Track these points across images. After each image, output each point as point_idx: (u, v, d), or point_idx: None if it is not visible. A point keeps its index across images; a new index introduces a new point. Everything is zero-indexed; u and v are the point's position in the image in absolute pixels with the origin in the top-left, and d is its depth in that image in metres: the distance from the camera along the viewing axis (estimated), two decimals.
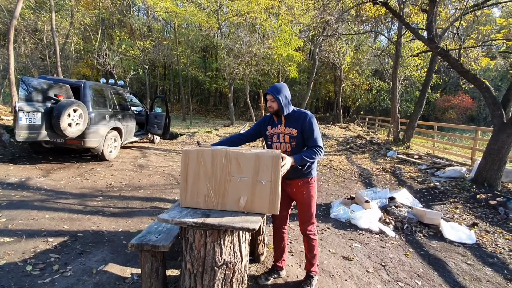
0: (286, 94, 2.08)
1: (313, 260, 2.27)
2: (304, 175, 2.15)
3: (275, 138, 2.16)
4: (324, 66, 22.16)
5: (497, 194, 4.69)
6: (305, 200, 2.18)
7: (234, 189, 1.87)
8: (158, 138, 8.57)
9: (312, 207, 2.21)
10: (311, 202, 2.19)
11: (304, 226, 2.23)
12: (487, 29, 8.56)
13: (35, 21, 11.80)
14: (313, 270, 2.30)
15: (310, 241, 2.24)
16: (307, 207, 2.19)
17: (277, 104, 2.07)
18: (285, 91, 2.09)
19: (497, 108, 5.06)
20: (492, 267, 2.85)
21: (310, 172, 2.18)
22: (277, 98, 2.04)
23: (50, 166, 5.07)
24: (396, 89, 10.38)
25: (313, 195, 2.20)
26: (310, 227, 2.23)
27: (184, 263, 1.84)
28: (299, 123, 2.05)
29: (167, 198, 4.13)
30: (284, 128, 2.10)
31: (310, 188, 2.18)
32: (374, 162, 7.63)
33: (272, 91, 2.06)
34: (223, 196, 1.88)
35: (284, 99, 2.06)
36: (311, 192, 2.19)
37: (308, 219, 2.22)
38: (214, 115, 24.23)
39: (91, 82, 5.66)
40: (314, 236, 2.24)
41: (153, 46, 15.46)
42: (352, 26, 13.29)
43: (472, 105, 20.94)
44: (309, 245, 2.25)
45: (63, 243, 2.59)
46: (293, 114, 2.10)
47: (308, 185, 2.17)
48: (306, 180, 2.16)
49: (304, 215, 2.22)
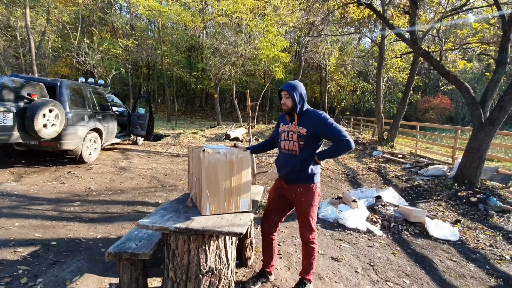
0: (301, 92, 2.00)
1: (308, 268, 2.15)
2: (305, 180, 2.02)
3: (283, 136, 2.08)
4: (310, 67, 22.40)
5: (477, 191, 4.83)
6: (303, 208, 2.04)
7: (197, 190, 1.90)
8: (142, 140, 8.30)
9: (311, 216, 2.05)
10: (309, 211, 2.04)
11: (302, 233, 2.10)
12: (464, 33, 8.91)
13: (8, 17, 11.15)
14: (307, 278, 2.16)
15: (308, 248, 2.11)
16: (305, 216, 2.05)
17: (291, 101, 1.98)
18: (301, 89, 2.01)
19: (476, 108, 5.22)
20: (475, 262, 2.90)
21: (313, 178, 2.03)
22: (292, 94, 1.95)
23: (23, 170, 4.76)
24: (380, 90, 10.60)
25: (313, 204, 2.05)
26: (309, 235, 2.09)
27: (167, 271, 1.72)
28: (312, 123, 1.96)
29: (150, 202, 3.95)
30: (295, 126, 2.01)
31: (311, 196, 2.03)
32: (360, 162, 7.72)
33: (288, 88, 1.98)
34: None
35: (299, 97, 1.98)
36: (311, 200, 2.04)
37: (307, 227, 2.08)
38: (200, 116, 23.91)
39: (68, 81, 5.37)
40: (313, 245, 2.10)
41: (136, 45, 15.02)
42: (336, 27, 13.48)
43: (451, 106, 21.81)
44: (307, 253, 2.12)
45: (33, 253, 2.39)
46: (307, 113, 2.02)
47: (308, 192, 2.03)
48: (307, 186, 2.02)
49: (302, 223, 2.09)
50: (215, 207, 1.83)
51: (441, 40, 5.91)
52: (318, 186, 2.09)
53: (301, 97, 1.99)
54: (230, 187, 1.86)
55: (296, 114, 2.01)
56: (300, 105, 1.99)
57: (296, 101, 1.96)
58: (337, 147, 1.93)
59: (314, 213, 2.07)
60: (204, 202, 1.81)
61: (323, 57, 16.32)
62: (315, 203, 2.07)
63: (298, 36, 17.55)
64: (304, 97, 2.01)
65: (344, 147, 1.92)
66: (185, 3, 14.65)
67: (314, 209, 2.07)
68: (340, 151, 1.95)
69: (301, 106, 2.00)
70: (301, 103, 2.00)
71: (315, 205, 2.07)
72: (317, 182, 2.07)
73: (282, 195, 2.15)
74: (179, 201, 2.16)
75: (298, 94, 1.97)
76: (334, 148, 1.95)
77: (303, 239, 2.10)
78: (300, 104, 1.99)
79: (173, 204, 2.06)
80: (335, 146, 1.94)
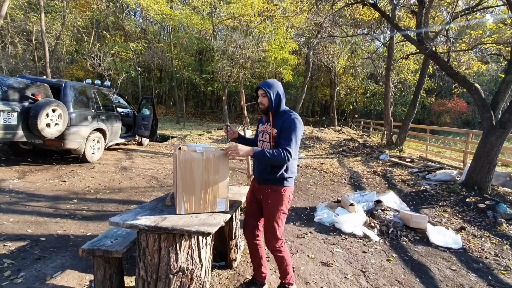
0: (278, 91, 1.92)
1: (284, 273, 2.04)
2: (273, 182, 1.91)
3: (260, 136, 2.04)
4: (319, 69, 22.20)
5: (486, 197, 4.58)
6: (269, 211, 1.92)
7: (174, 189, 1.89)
8: (147, 140, 8.43)
9: (277, 221, 1.91)
10: (275, 216, 1.90)
11: (267, 240, 1.96)
12: (478, 33, 8.56)
13: (25, 22, 11.66)
14: (286, 282, 2.05)
15: (276, 257, 1.99)
16: (270, 220, 1.92)
17: (267, 99, 1.91)
18: (278, 87, 1.93)
19: (486, 110, 4.98)
20: (477, 272, 2.72)
21: (282, 181, 1.90)
22: (268, 93, 1.89)
23: (28, 168, 4.90)
24: (388, 92, 10.33)
25: (281, 209, 1.91)
26: (274, 244, 1.94)
27: (138, 269, 1.69)
28: (280, 124, 1.86)
29: (145, 201, 3.97)
30: (269, 127, 1.94)
31: (278, 200, 1.90)
32: (365, 165, 7.52)
33: (264, 86, 1.92)
34: None
35: (275, 95, 1.91)
36: (278, 204, 1.90)
37: (271, 234, 1.93)
38: (209, 118, 24.11)
39: (72, 82, 5.52)
40: (280, 253, 1.97)
41: (146, 49, 15.36)
42: (346, 29, 13.30)
43: (467, 109, 21.01)
44: (277, 261, 2.01)
45: (21, 247, 2.43)
46: (282, 114, 1.92)
47: (276, 195, 1.90)
48: (276, 188, 1.90)
49: (267, 228, 1.95)
50: (190, 206, 1.80)
51: (449, 40, 5.69)
52: (289, 191, 1.94)
53: (277, 96, 1.92)
54: (206, 186, 1.82)
55: (271, 114, 1.93)
56: (275, 104, 1.92)
57: (272, 99, 1.90)
58: (277, 152, 1.74)
59: (281, 219, 1.93)
60: (179, 201, 1.78)
61: (332, 59, 16.13)
62: (283, 208, 1.92)
63: (307, 38, 17.44)
64: (281, 96, 1.94)
65: (281, 157, 1.73)
66: (195, 7, 14.89)
67: (281, 215, 1.92)
68: (276, 157, 1.74)
69: (276, 106, 1.93)
70: (277, 102, 1.93)
71: (282, 211, 1.92)
72: (287, 186, 1.93)
73: (254, 194, 2.08)
74: (159, 199, 2.14)
75: (275, 93, 1.91)
76: (273, 152, 1.75)
77: (269, 247, 1.97)
78: (275, 103, 1.92)
79: (152, 203, 2.05)
80: (276, 150, 1.75)
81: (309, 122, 20.28)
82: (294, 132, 1.80)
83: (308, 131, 12.39)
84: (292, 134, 1.80)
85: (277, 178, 1.90)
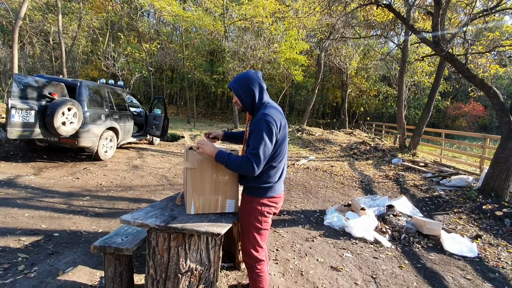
0: (250, 85, 1.57)
1: None
2: (246, 190, 1.69)
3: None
4: (331, 71, 21.99)
5: (504, 205, 4.41)
6: (240, 221, 1.72)
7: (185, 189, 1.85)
8: (158, 140, 8.54)
9: (249, 238, 1.66)
10: (246, 231, 1.68)
11: (242, 254, 1.77)
12: (495, 35, 8.28)
13: (43, 23, 12.06)
14: None
15: (251, 273, 1.74)
16: (242, 231, 1.73)
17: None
18: (249, 81, 1.57)
19: (505, 114, 4.80)
20: (493, 282, 2.62)
21: (252, 190, 1.63)
22: (236, 90, 1.60)
23: (43, 165, 5.04)
24: (402, 95, 10.12)
25: (252, 223, 1.64)
26: (246, 259, 1.72)
27: (147, 268, 1.70)
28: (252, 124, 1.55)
29: (155, 200, 4.02)
30: (247, 128, 1.66)
31: (248, 212, 1.65)
32: (377, 169, 7.38)
33: (231, 84, 1.62)
34: None
35: (246, 91, 1.58)
36: (248, 216, 1.65)
37: (244, 252, 1.72)
38: (219, 118, 24.26)
39: (87, 81, 5.65)
40: (253, 273, 1.71)
41: (159, 49, 15.61)
42: (359, 30, 13.13)
43: (484, 113, 20.36)
44: (250, 277, 1.75)
45: (35, 242, 2.49)
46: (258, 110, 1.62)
47: (246, 206, 1.66)
48: (246, 198, 1.67)
49: (241, 240, 1.76)
50: (200, 206, 1.80)
51: (467, 41, 5.52)
52: (264, 202, 1.62)
53: (249, 92, 1.58)
54: (216, 187, 1.82)
55: (248, 114, 1.70)
56: (249, 103, 1.60)
57: (242, 97, 1.60)
58: (239, 159, 1.50)
59: (255, 236, 1.65)
60: (189, 201, 1.78)
61: (344, 61, 15.95)
62: (253, 222, 1.63)
63: (319, 39, 17.32)
64: (255, 90, 1.58)
65: (242, 166, 1.47)
66: (207, 9, 15.04)
67: (252, 230, 1.65)
68: (236, 167, 1.50)
69: (250, 103, 1.60)
70: (251, 99, 1.59)
71: (254, 225, 1.64)
72: (258, 197, 1.62)
73: None
74: (169, 199, 2.15)
75: (245, 89, 1.58)
76: (235, 157, 1.52)
77: (243, 259, 1.76)
78: (248, 101, 1.60)
79: (163, 202, 2.06)
80: (239, 158, 1.50)
81: (319, 124, 20.10)
82: (259, 135, 1.46)
83: (318, 133, 12.27)
84: (259, 138, 1.46)
85: (250, 185, 1.66)
